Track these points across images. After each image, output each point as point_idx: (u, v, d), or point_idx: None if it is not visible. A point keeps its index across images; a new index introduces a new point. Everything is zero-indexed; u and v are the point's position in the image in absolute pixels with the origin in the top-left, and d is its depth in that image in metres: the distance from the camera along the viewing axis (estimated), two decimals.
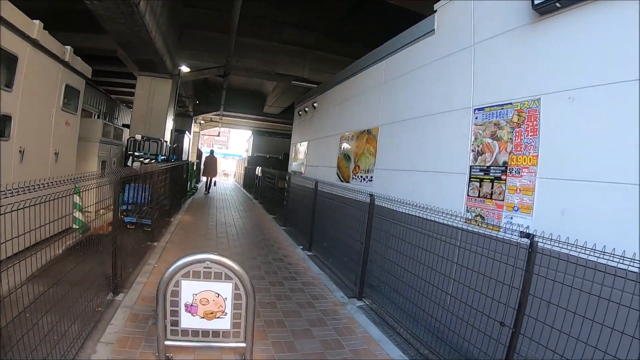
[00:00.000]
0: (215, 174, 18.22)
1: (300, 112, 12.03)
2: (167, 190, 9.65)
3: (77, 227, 6.60)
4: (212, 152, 18.56)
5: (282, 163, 20.70)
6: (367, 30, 12.96)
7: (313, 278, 5.76)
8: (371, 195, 4.98)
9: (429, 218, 4.19)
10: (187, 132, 18.42)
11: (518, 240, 3.14)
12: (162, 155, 8.99)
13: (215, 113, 23.63)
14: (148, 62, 11.02)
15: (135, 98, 12.18)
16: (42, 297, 2.95)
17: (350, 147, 7.51)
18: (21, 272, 2.91)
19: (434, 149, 4.96)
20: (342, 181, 7.66)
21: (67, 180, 3.08)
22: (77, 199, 6.59)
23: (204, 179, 19.12)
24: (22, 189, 2.54)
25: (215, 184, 18.72)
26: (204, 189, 18.13)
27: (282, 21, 13.42)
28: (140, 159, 7.51)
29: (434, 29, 5.36)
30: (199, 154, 24.38)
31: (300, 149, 11.63)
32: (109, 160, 8.27)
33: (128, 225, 7.54)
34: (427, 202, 4.22)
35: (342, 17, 13.00)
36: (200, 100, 21.25)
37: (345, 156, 7.64)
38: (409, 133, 5.54)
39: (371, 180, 6.45)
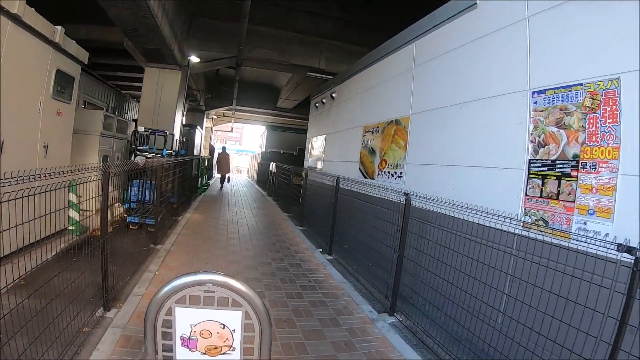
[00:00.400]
0: (228, 170, 18.51)
1: (317, 104, 11.34)
2: (175, 187, 9.10)
3: (72, 228, 6.05)
4: (224, 148, 18.79)
5: (297, 159, 20.47)
6: (387, 18, 12.22)
7: (336, 287, 5.10)
8: (406, 195, 4.28)
9: (476, 221, 3.50)
10: (198, 127, 17.89)
11: (618, 258, 2.42)
12: (167, 150, 8.38)
13: (227, 108, 23.10)
14: (155, 53, 10.45)
15: (142, 91, 11.63)
16: (12, 313, 2.38)
17: (375, 140, 6.80)
18: None
19: (480, 141, 4.22)
20: (365, 177, 6.97)
21: (49, 173, 2.49)
22: (72, 197, 6.04)
23: (217, 175, 19.55)
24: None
25: (228, 180, 18.99)
26: (219, 185, 18.35)
27: (296, 9, 12.76)
28: (144, 154, 6.92)
29: (475, 3, 4.62)
30: (211, 150, 23.92)
31: (317, 144, 10.94)
32: (112, 155, 7.71)
33: (130, 226, 7.00)
34: (471, 202, 3.53)
35: (360, 4, 12.30)
36: (212, 94, 20.75)
37: (370, 150, 6.94)
38: (448, 122, 4.82)
39: (400, 177, 5.74)
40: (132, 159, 7.12)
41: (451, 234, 3.91)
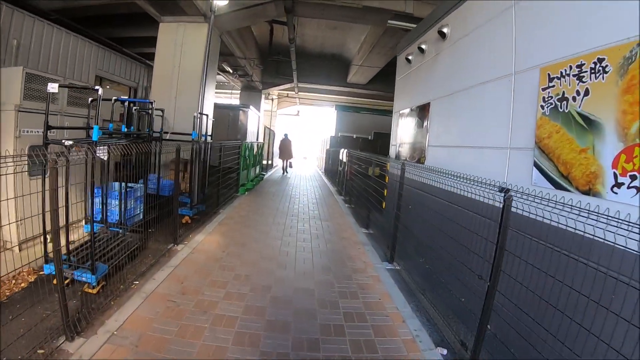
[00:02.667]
0: (290, 157, 18.59)
1: (409, 57, 7.25)
2: (189, 189, 5.83)
3: None
4: (286, 135, 18.52)
5: (372, 144, 17.60)
6: None
7: None
8: None
9: None
10: (251, 107, 14.67)
11: None
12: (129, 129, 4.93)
13: (288, 86, 19.67)
14: None
15: (156, 53, 8.33)
16: None
17: (592, 94, 2.72)
18: None
19: None
20: (560, 187, 2.93)
21: None
22: None
23: (279, 162, 19.98)
24: None
25: (291, 166, 19.21)
26: (279, 173, 18.30)
27: None
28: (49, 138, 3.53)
29: None
30: (269, 134, 20.80)
31: (411, 120, 6.94)
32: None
33: (55, 281, 3.70)
34: None
35: None
36: (269, 69, 17.45)
37: (576, 119, 2.87)
38: None
39: None
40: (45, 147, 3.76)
41: None
